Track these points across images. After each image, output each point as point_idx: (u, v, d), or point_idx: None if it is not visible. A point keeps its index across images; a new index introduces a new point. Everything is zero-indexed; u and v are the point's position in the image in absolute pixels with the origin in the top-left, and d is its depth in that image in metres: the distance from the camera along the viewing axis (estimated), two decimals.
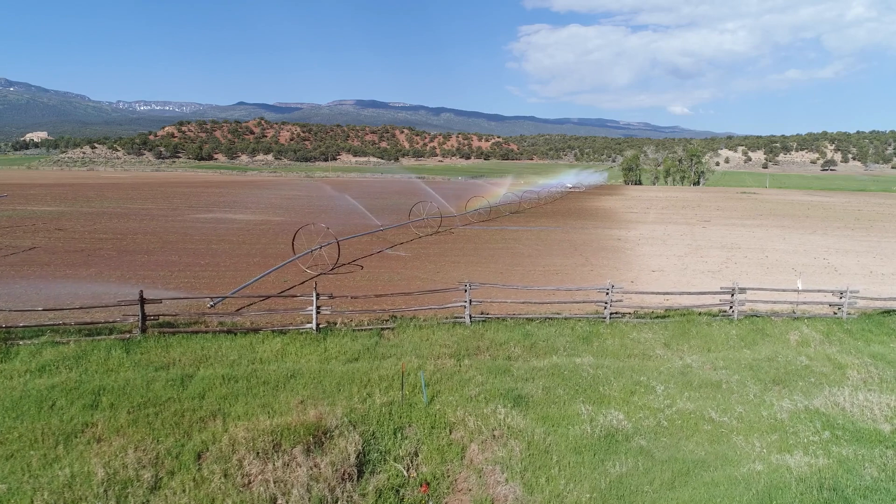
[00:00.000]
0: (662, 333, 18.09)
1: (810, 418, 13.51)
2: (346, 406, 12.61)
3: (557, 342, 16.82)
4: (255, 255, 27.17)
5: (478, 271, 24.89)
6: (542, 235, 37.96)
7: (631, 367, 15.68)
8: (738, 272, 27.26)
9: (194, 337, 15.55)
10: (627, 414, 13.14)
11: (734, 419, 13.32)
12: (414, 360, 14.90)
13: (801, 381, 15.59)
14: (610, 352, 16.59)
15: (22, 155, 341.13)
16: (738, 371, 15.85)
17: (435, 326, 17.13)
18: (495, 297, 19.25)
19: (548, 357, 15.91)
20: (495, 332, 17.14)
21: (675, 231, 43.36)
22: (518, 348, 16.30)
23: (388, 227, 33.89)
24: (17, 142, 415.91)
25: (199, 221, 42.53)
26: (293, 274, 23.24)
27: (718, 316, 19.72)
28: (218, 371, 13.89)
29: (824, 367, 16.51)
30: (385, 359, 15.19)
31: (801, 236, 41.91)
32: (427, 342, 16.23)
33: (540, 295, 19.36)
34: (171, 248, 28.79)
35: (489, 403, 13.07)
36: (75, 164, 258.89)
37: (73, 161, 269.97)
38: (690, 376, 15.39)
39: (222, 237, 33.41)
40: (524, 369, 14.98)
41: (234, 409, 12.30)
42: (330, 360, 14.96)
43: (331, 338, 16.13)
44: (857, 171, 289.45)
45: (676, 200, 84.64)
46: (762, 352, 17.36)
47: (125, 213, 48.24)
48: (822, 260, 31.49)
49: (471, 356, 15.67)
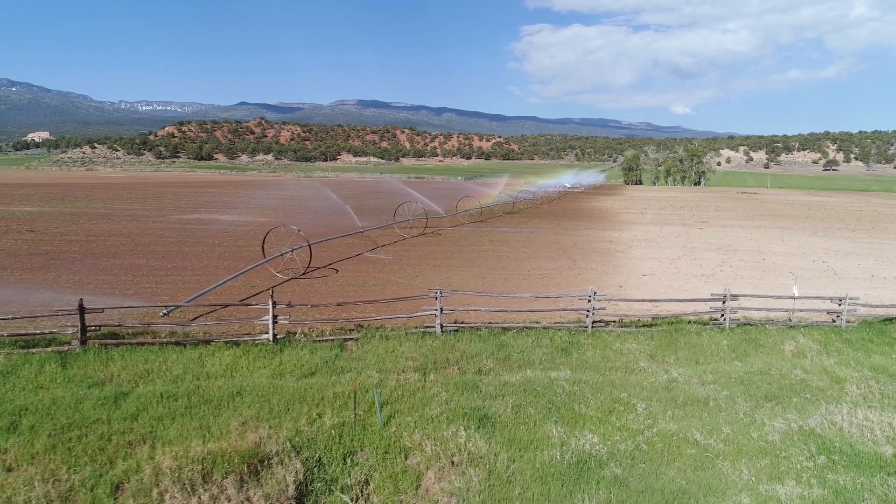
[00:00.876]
0: (648, 344, 16.91)
1: (804, 440, 12.32)
2: (292, 428, 11.45)
3: (533, 354, 15.65)
4: (227, 259, 26.03)
5: (458, 276, 23.74)
6: (532, 237, 36.77)
7: (611, 381, 14.50)
8: (732, 276, 26.09)
9: (139, 349, 14.42)
10: (603, 436, 11.96)
11: (721, 441, 12.14)
12: (374, 375, 13.75)
13: (796, 398, 14.41)
14: (590, 364, 15.41)
15: (23, 155, 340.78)
16: (728, 386, 14.68)
17: (402, 337, 15.97)
18: (470, 304, 18.09)
19: (521, 371, 14.75)
20: (467, 342, 15.98)
21: (671, 232, 42.14)
22: (490, 361, 15.13)
23: (369, 229, 32.71)
24: (19, 142, 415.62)
25: (180, 222, 41.43)
26: (263, 279, 22.11)
27: (709, 324, 18.55)
28: (158, 388, 12.75)
29: (821, 382, 15.32)
30: (344, 373, 14.04)
31: (800, 238, 40.68)
32: (392, 354, 15.08)
33: (516, 303, 18.20)
34: (141, 251, 27.67)
35: (451, 424, 11.90)
36: (75, 164, 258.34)
37: (73, 161, 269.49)
38: (675, 392, 14.22)
39: (199, 239, 32.28)
40: (494, 385, 13.81)
41: (167, 432, 11.15)
42: (284, 375, 13.81)
43: (288, 350, 14.98)
44: (860, 171, 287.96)
45: (675, 201, 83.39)
46: (754, 364, 16.18)
47: (108, 213, 47.15)
48: (822, 263, 30.28)
49: (438, 370, 14.51)
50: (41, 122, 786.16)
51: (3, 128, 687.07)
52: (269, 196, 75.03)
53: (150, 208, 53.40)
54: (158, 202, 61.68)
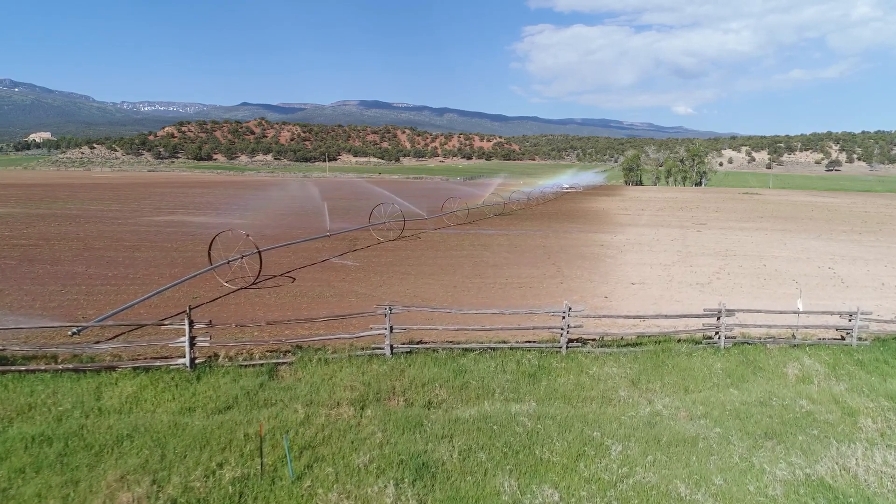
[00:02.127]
0: (630, 367, 14.73)
1: (812, 493, 10.14)
2: (181, 484, 9.30)
3: (495, 381, 13.47)
4: (178, 265, 23.88)
5: (427, 285, 21.58)
6: (518, 241, 34.55)
7: (583, 416, 12.31)
8: (730, 284, 23.88)
9: (28, 378, 12.28)
10: (567, 491, 9.79)
11: (710, 497, 9.96)
12: (300, 411, 11.58)
13: (801, 435, 12.22)
14: (560, 394, 13.23)
15: (23, 155, 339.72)
16: (721, 420, 12.49)
17: (345, 360, 13.81)
18: (429, 321, 15.94)
19: (479, 403, 12.57)
20: (420, 367, 13.81)
21: (667, 235, 39.89)
22: (444, 390, 12.97)
23: (338, 233, 30.45)
24: (20, 142, 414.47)
25: (147, 224, 39.35)
26: (208, 289, 19.98)
27: (702, 343, 16.35)
28: (33, 428, 10.61)
29: (830, 414, 13.12)
30: (267, 406, 11.88)
31: (803, 241, 38.41)
32: (329, 382, 12.92)
33: (479, 319, 16.02)
34: (87, 257, 25.54)
35: (380, 477, 9.74)
36: (73, 164, 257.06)
37: (71, 161, 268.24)
38: (659, 429, 12.02)
39: (157, 243, 30.14)
40: (443, 422, 11.64)
41: (22, 491, 9.00)
42: (193, 410, 11.65)
43: (207, 377, 12.83)
44: (863, 171, 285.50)
45: (674, 201, 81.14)
46: (753, 392, 13.99)
47: (78, 215, 45.07)
48: (827, 269, 28.05)
49: (380, 401, 12.35)
50: (43, 122, 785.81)
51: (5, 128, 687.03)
52: (256, 196, 72.97)
53: (127, 209, 51.33)
54: (139, 203, 59.62)
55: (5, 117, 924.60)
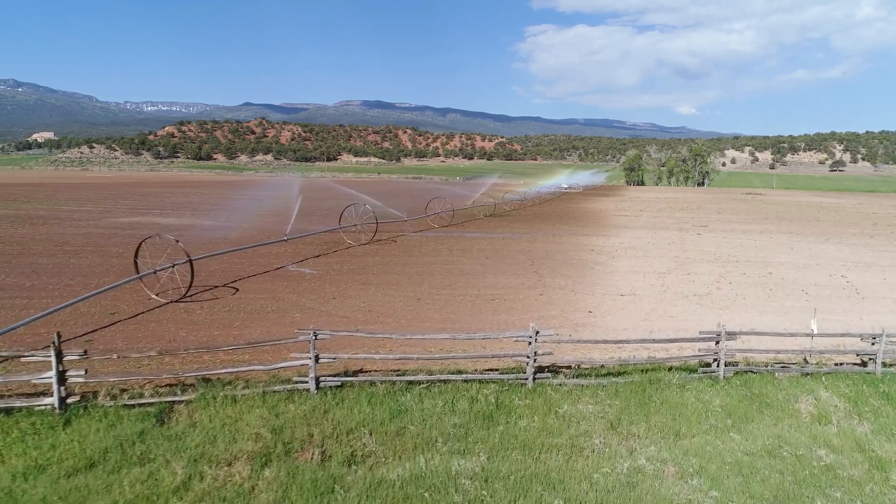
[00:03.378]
0: (610, 405, 12.16)
1: None
2: None
3: (440, 425, 10.92)
4: (113, 273, 21.35)
5: (387, 297, 19.02)
6: (501, 245, 31.95)
7: (545, 474, 9.76)
8: (732, 296, 21.30)
9: None
10: None
11: None
12: (179, 472, 9.06)
13: (820, 499, 9.68)
14: (520, 441, 10.66)
15: (24, 155, 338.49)
16: (720, 479, 9.93)
17: (258, 398, 11.27)
18: (367, 347, 13.41)
19: (414, 456, 10.02)
20: (349, 407, 11.27)
21: (664, 238, 37.25)
22: (374, 438, 10.42)
23: (296, 237, 27.85)
24: (21, 142, 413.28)
25: (107, 226, 36.86)
26: (132, 303, 17.46)
27: (697, 372, 13.77)
28: None
29: (855, 468, 10.54)
30: (141, 464, 9.35)
31: (811, 245, 35.75)
32: (231, 428, 10.38)
33: (427, 344, 13.48)
34: (13, 264, 23.01)
35: None
36: (72, 164, 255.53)
37: (70, 161, 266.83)
38: (640, 493, 9.47)
39: (103, 247, 27.62)
40: (361, 486, 9.10)
41: None
42: (45, 469, 9.14)
43: (77, 422, 10.32)
44: (867, 171, 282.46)
45: (675, 202, 78.46)
46: (759, 437, 11.41)
47: (43, 216, 42.65)
48: (840, 278, 25.42)
49: (289, 456, 9.81)
50: (46, 122, 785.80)
51: (8, 128, 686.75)
52: (241, 196, 70.50)
53: (98, 210, 48.91)
54: (116, 203, 57.23)
55: (9, 117, 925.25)
